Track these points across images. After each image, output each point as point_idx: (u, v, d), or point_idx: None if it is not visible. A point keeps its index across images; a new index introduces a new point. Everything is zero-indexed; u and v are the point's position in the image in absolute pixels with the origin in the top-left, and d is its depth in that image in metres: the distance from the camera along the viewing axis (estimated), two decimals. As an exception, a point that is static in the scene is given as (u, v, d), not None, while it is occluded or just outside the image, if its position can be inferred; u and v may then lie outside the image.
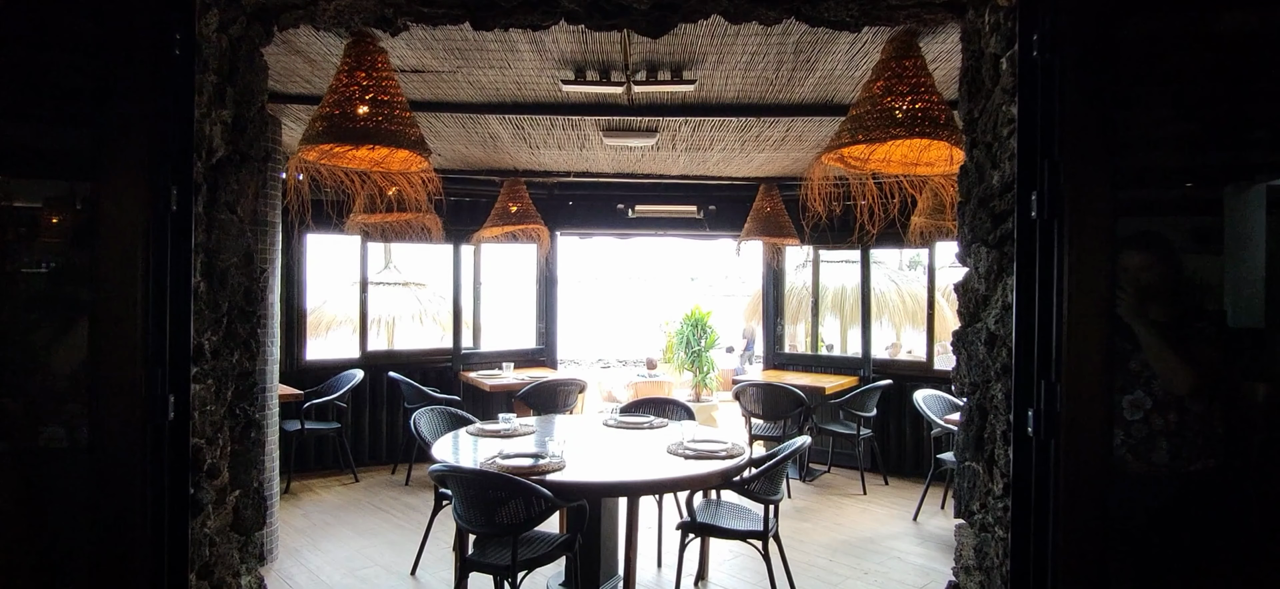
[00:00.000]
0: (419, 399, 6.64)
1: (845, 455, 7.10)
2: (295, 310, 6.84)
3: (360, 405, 7.12)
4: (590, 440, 4.26)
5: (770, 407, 6.34)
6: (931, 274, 6.95)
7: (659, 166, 6.28)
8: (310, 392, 6.68)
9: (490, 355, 7.73)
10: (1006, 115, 1.66)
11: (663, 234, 8.00)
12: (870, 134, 2.93)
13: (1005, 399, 1.68)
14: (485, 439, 4.22)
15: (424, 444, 4.30)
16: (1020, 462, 1.59)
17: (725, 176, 6.70)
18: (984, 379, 1.78)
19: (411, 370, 7.31)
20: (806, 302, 10.70)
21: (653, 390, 13.08)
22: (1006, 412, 1.68)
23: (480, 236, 6.67)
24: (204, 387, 1.71)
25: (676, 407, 5.20)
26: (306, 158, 3.01)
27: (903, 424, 7.03)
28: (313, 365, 7.03)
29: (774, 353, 7.73)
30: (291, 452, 6.41)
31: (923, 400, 5.73)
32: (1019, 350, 1.58)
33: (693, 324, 11.37)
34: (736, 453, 3.83)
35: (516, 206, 6.57)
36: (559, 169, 6.46)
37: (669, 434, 4.36)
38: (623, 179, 6.78)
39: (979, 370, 1.80)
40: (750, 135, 4.85)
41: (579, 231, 8.01)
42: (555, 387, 6.57)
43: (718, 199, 7.71)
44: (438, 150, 5.52)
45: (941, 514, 5.82)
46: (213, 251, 1.73)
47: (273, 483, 4.69)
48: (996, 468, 1.70)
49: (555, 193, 7.77)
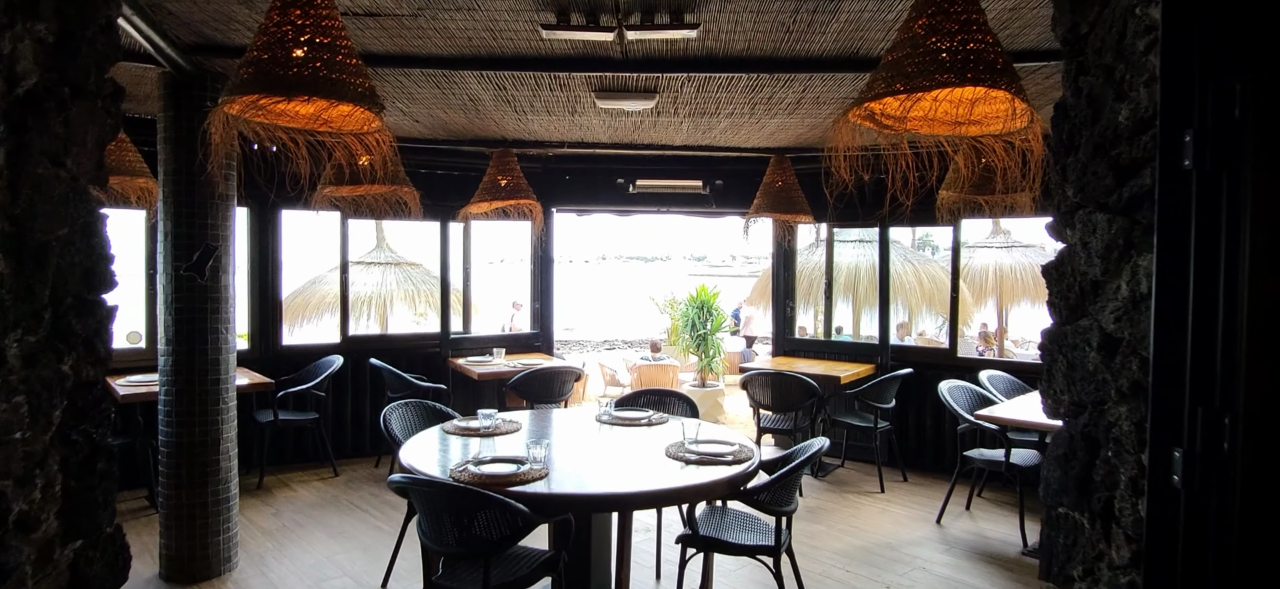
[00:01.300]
0: (401, 388, 6.19)
1: (860, 449, 6.61)
2: (270, 292, 6.37)
3: (341, 393, 6.67)
4: (580, 441, 3.78)
5: (780, 397, 5.86)
6: (955, 254, 6.42)
7: (660, 136, 5.75)
8: (286, 379, 6.23)
9: (482, 340, 7.26)
10: (1143, 21, 1.15)
11: (665, 211, 7.48)
12: (911, 82, 2.41)
13: (1134, 431, 1.18)
14: (462, 439, 3.75)
15: (394, 443, 3.84)
16: (1160, 521, 1.10)
17: (733, 147, 6.17)
18: (1096, 399, 1.28)
19: (397, 356, 6.85)
20: (817, 283, 10.18)
21: (656, 374, 12.61)
22: (1136, 449, 1.18)
23: (468, 213, 6.17)
24: (8, 407, 1.18)
25: (678, 399, 4.72)
26: (230, 112, 2.51)
27: (923, 416, 6.54)
28: (290, 351, 6.57)
29: (784, 338, 7.23)
30: (265, 444, 5.97)
31: (948, 393, 5.23)
32: (1161, 363, 1.09)
33: (698, 306, 10.87)
34: (744, 457, 3.35)
35: (506, 180, 6.06)
36: (551, 138, 5.93)
37: (669, 433, 3.89)
38: (621, 150, 6.26)
39: (1088, 386, 1.31)
40: (761, 97, 4.32)
41: (576, 208, 7.50)
42: (550, 375, 6.10)
43: (724, 173, 7.17)
44: (414, 116, 5.01)
45: (967, 516, 5.34)
46: (22, 220, 1.20)
47: (229, 485, 4.24)
48: (1118, 526, 1.21)
49: (550, 167, 7.25)
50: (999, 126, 2.62)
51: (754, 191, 6.18)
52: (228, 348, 4.20)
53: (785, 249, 7.13)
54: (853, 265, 10.29)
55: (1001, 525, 5.13)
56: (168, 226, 4.00)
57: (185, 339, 4.02)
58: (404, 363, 6.82)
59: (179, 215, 3.99)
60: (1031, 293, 12.15)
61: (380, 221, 11.20)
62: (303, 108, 2.69)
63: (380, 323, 10.80)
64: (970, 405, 5.26)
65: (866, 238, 10.83)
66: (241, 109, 2.52)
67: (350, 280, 10.68)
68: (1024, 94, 2.40)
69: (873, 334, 11.97)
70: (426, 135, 5.78)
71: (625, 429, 4.02)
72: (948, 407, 5.13)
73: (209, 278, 4.06)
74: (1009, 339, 14.34)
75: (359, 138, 2.94)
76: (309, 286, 10.67)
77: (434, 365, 6.90)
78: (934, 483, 6.12)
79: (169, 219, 4.00)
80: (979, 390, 5.41)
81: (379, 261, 10.98)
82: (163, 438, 4.09)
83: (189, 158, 3.87)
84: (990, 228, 13.72)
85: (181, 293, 4.01)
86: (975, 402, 5.31)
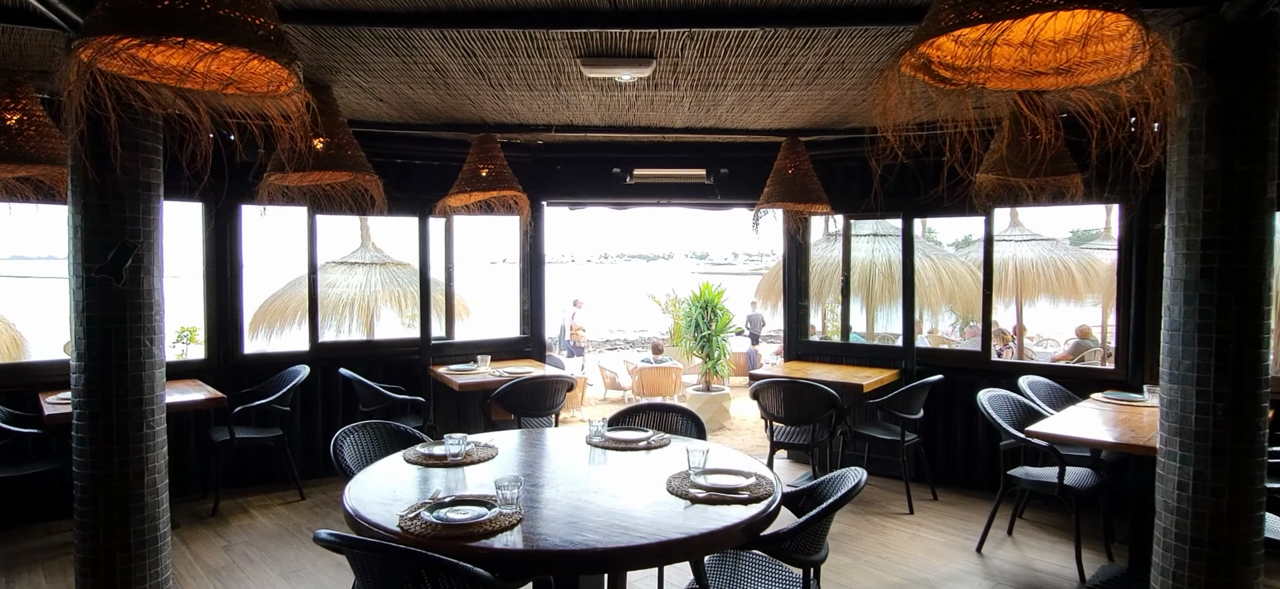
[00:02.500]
0: (374, 401, 5.58)
1: (883, 462, 5.99)
2: (230, 296, 5.76)
3: (310, 407, 6.06)
4: (565, 471, 3.16)
5: (796, 408, 5.23)
6: (988, 246, 5.79)
7: (658, 116, 5.12)
8: (247, 392, 5.63)
9: (467, 346, 6.65)
10: None
11: (666, 203, 6.85)
12: (994, 7, 1.78)
13: None
14: (425, 470, 3.14)
15: (345, 476, 3.23)
16: None
17: (740, 130, 5.54)
18: None
19: (373, 364, 6.24)
20: (829, 281, 9.55)
21: (658, 377, 12.01)
22: None
23: (446, 206, 5.55)
24: None
25: (681, 415, 4.09)
26: (82, 57, 1.88)
27: (952, 426, 5.91)
28: (253, 361, 5.96)
29: (797, 341, 6.60)
30: (220, 466, 5.36)
31: (988, 404, 4.60)
32: None
33: (702, 306, 10.25)
34: (762, 492, 2.74)
35: (489, 169, 5.44)
36: (536, 121, 5.31)
37: (671, 458, 3.27)
38: (616, 134, 5.63)
39: None
40: (776, 62, 3.69)
41: (568, 201, 6.88)
42: (538, 386, 5.48)
43: (730, 160, 6.55)
44: (375, 93, 4.39)
45: (1010, 543, 4.71)
46: None
47: (158, 523, 3.63)
48: None
49: (539, 156, 6.63)
50: (1124, 67, 1.98)
51: (762, 180, 5.56)
52: (154, 362, 3.58)
53: (798, 243, 6.50)
54: (866, 261, 9.66)
55: (1052, 554, 4.51)
56: (77, 221, 3.39)
57: (99, 353, 3.40)
58: (381, 372, 6.21)
59: (88, 208, 3.37)
60: (1053, 288, 11.51)
61: (364, 219, 10.60)
62: (181, 57, 2.07)
63: (365, 327, 10.18)
64: (1014, 417, 4.63)
65: (881, 231, 10.21)
66: (93, 54, 1.89)
67: (331, 282, 10.18)
68: (1148, 20, 1.78)
69: (887, 334, 11.39)
70: (394, 117, 5.16)
71: (620, 454, 3.40)
72: (990, 420, 4.50)
73: (128, 281, 3.44)
74: (1027, 337, 13.71)
75: (273, 102, 2.31)
76: (289, 288, 10.05)
77: (414, 374, 6.29)
78: (967, 502, 5.49)
79: (78, 212, 3.39)
80: (1022, 400, 4.78)
81: (363, 262, 10.36)
82: (75, 469, 3.48)
83: (100, 138, 3.25)
84: (1007, 219, 13.10)
85: (94, 299, 3.39)
86: (1019, 413, 4.68)
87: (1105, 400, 4.70)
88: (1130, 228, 5.19)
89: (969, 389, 5.82)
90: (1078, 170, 4.28)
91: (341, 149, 4.01)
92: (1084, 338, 13.15)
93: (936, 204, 5.95)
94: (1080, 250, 12.50)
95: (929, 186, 6.09)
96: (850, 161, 6.27)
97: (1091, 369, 6.39)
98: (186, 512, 5.24)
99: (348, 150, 4.03)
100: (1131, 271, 5.20)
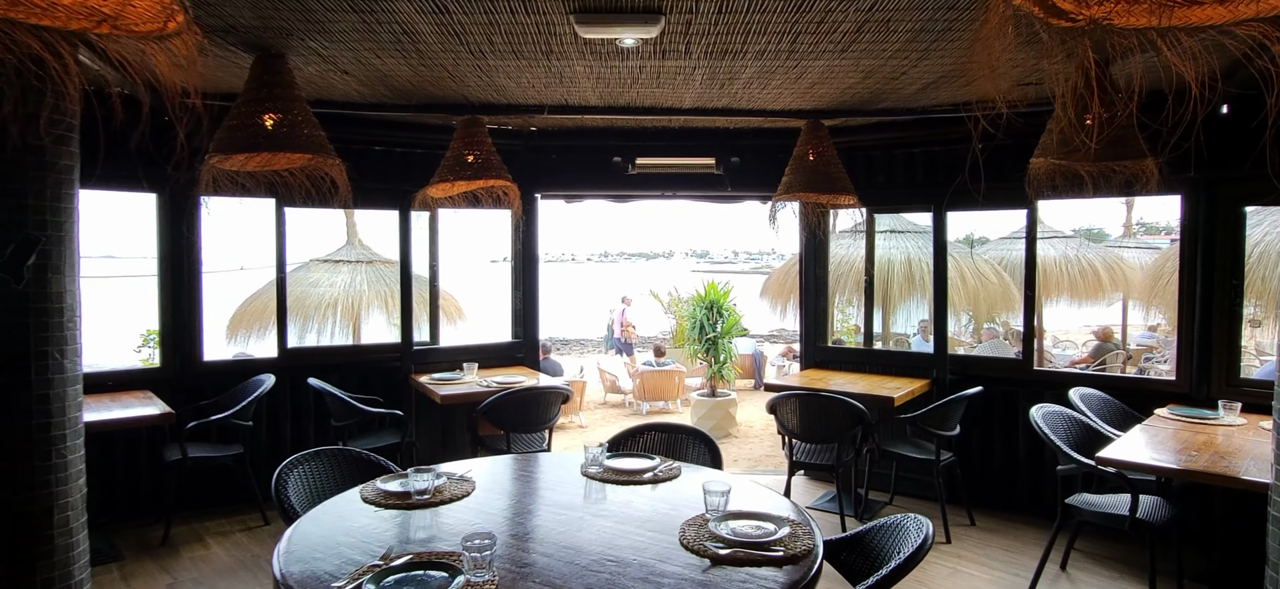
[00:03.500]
0: (348, 415, 5.00)
1: (912, 481, 5.42)
2: (187, 296, 5.18)
3: (278, 419, 5.48)
4: (555, 517, 2.58)
5: (819, 424, 4.66)
6: (1031, 242, 5.21)
7: (665, 94, 4.54)
8: (204, 405, 5.05)
9: (454, 351, 6.07)
10: None
11: (671, 195, 6.28)
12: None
13: None
14: (381, 512, 2.57)
15: (287, 518, 2.66)
16: None
17: (756, 111, 4.96)
18: None
19: (350, 372, 5.66)
20: (843, 281, 8.97)
21: (661, 381, 11.43)
22: None
23: (429, 196, 4.98)
24: None
25: (692, 436, 3.52)
26: None
27: (990, 441, 5.33)
28: (214, 369, 5.39)
29: (816, 348, 6.02)
30: (170, 489, 4.79)
31: (1043, 421, 4.02)
32: None
33: (707, 306, 9.67)
34: (801, 547, 2.19)
35: (475, 156, 4.86)
36: (527, 101, 4.72)
37: (683, 494, 2.72)
38: (617, 115, 5.04)
39: None
40: (808, 22, 3.11)
41: (564, 193, 6.30)
42: (530, 398, 4.91)
43: (742, 148, 5.97)
44: (340, 64, 3.81)
45: (1065, 580, 4.14)
46: None
47: (71, 568, 3.05)
48: None
49: (532, 144, 6.05)
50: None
51: (777, 171, 4.97)
52: (66, 378, 3.00)
53: (819, 238, 5.92)
54: (882, 259, 9.08)
55: (1116, 595, 3.94)
56: (-35, 209, 2.81)
57: (-6, 369, 2.83)
58: (357, 381, 5.64)
59: (-22, 193, 2.79)
60: (1077, 288, 10.93)
61: (350, 215, 10.02)
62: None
63: (352, 330, 9.60)
64: (1071, 437, 4.06)
65: (897, 227, 9.64)
66: None
67: (314, 282, 9.60)
68: None
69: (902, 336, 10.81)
70: (366, 95, 4.57)
71: (622, 488, 2.84)
72: (1049, 443, 3.91)
73: (30, 281, 2.86)
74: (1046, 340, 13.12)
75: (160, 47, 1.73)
76: (270, 288, 9.46)
77: (394, 383, 5.71)
78: (1009, 527, 4.92)
79: (-34, 198, 2.81)
80: (1078, 417, 4.20)
81: (349, 260, 9.78)
82: (-32, 508, 2.90)
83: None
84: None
85: (-12, 303, 2.82)
86: (1077, 433, 4.11)
87: (1174, 418, 4.13)
88: (1195, 217, 4.61)
89: (1008, 402, 5.25)
90: (1150, 154, 3.70)
91: (296, 127, 3.43)
92: (1105, 340, 12.56)
93: (972, 195, 5.39)
94: (1105, 249, 11.93)
95: (961, 175, 5.53)
96: (873, 150, 5.69)
97: (1148, 381, 5.85)
98: (134, 541, 4.67)
99: (303, 129, 3.45)
100: (1196, 268, 4.62)
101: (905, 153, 5.57)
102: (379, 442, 5.17)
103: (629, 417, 11.21)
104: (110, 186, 4.91)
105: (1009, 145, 5.31)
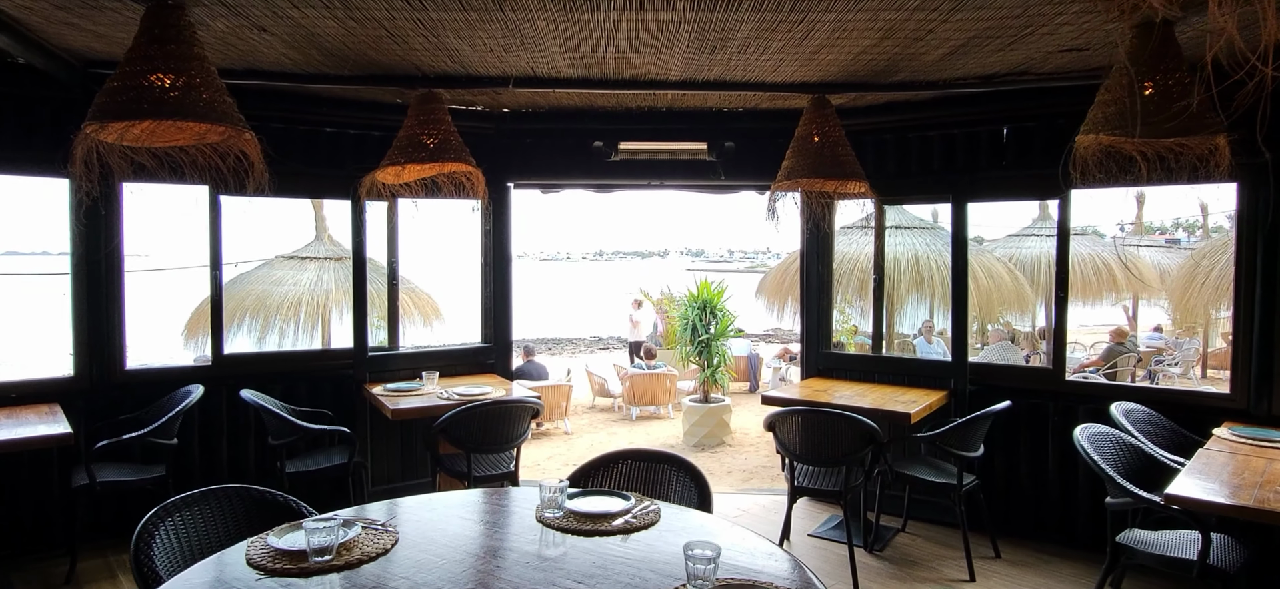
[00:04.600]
0: (286, 432, 4.38)
1: (927, 505, 4.83)
2: (107, 296, 4.56)
3: (213, 436, 4.86)
4: (497, 583, 1.97)
5: (824, 445, 4.05)
6: (1063, 237, 4.61)
7: (647, 63, 3.93)
8: (124, 420, 4.42)
9: (415, 357, 5.46)
10: None
11: (659, 184, 5.67)
12: None
13: None
14: (264, 585, 1.96)
15: (144, 586, 2.04)
16: None
17: (753, 85, 4.35)
18: None
19: (296, 382, 5.05)
20: (846, 280, 8.38)
21: (651, 385, 10.83)
22: None
23: (378, 182, 4.36)
24: None
25: (675, 468, 2.93)
26: None
27: (1014, 460, 4.74)
28: (137, 379, 4.75)
29: (818, 353, 5.41)
30: (77, 518, 4.16)
31: (1089, 444, 3.42)
32: None
33: (700, 307, 9.07)
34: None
35: (434, 137, 4.23)
36: (486, 69, 4.10)
37: (662, 551, 2.13)
38: (594, 89, 4.41)
39: None
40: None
41: (540, 182, 5.68)
42: (495, 413, 4.30)
43: (737, 132, 5.37)
44: (254, 17, 3.19)
45: (1114, 629, 3.54)
46: None
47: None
48: None
49: (505, 127, 5.44)
50: None
51: (775, 159, 4.35)
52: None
53: (823, 231, 5.31)
54: (888, 257, 8.49)
55: (1175, 650, 3.34)
56: None
57: None
58: (305, 391, 5.02)
59: None
60: (1089, 289, 10.38)
61: (319, 207, 9.37)
62: None
63: (321, 334, 8.96)
64: (1123, 463, 3.47)
65: (902, 223, 9.05)
66: None
67: (277, 279, 8.94)
68: None
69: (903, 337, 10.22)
70: (298, 62, 3.94)
71: (586, 542, 2.23)
72: (1096, 469, 3.31)
73: None
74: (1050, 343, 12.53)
75: None
76: (233, 286, 8.84)
77: (346, 393, 5.09)
78: (1039, 560, 4.34)
79: None
80: (1127, 438, 3.61)
81: (317, 256, 9.14)
82: None
83: None
84: (1036, 211, 11.93)
85: None
86: (1128, 457, 3.52)
87: (1238, 440, 3.55)
88: (1254, 206, 4.02)
89: (1036, 416, 4.67)
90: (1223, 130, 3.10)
91: (192, 90, 2.81)
92: (1119, 342, 11.99)
93: (994, 184, 4.79)
94: (1120, 247, 11.39)
95: (984, 160, 4.93)
96: (884, 133, 5.09)
97: (1197, 394, 5.27)
98: (37, 578, 4.05)
99: (201, 92, 2.82)
100: (1256, 266, 4.03)
101: (920, 136, 4.97)
102: (327, 462, 4.55)
103: (618, 422, 10.61)
104: (18, 172, 4.31)
105: (1035, 127, 4.76)
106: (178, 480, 4.50)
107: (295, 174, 4.90)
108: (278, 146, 4.89)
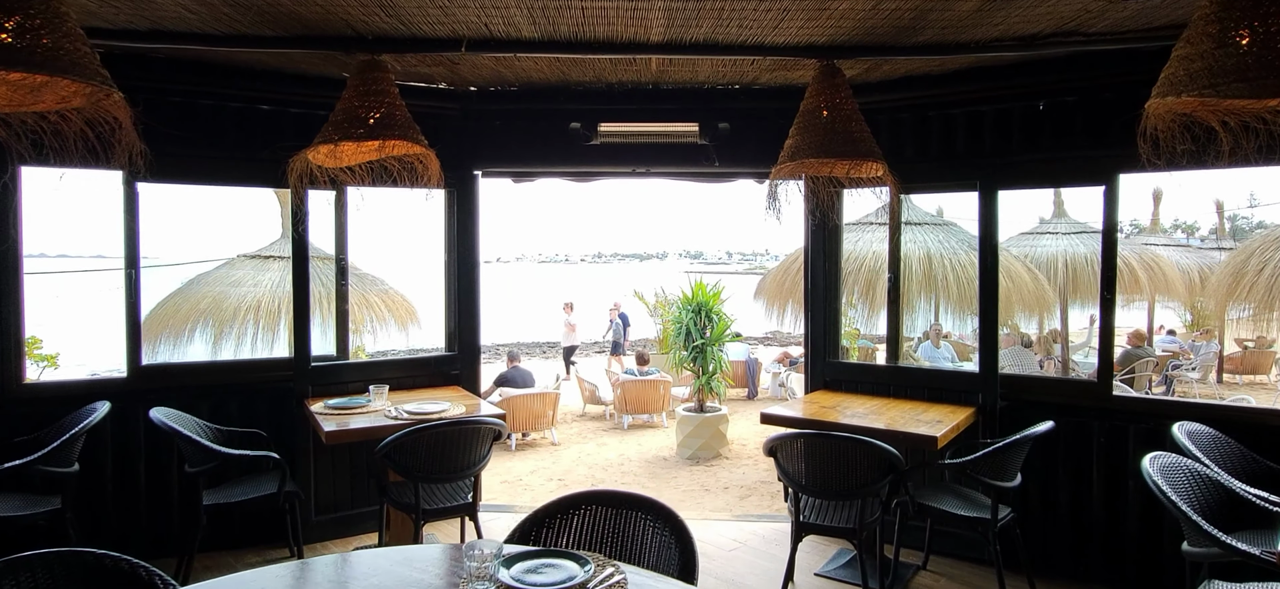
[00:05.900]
0: (203, 459, 3.73)
1: (953, 538, 4.20)
2: (5, 300, 3.91)
3: (128, 463, 4.22)
4: None
5: (834, 474, 3.42)
6: (1109, 232, 3.98)
7: (623, 16, 3.29)
8: (24, 441, 3.79)
9: (366, 367, 4.81)
10: None
11: (644, 172, 5.04)
12: None
13: None
14: None
15: None
16: None
17: (750, 47, 3.71)
18: None
19: (226, 398, 4.41)
20: (852, 281, 7.75)
21: (644, 392, 10.19)
22: None
23: (311, 161, 3.72)
24: None
25: (652, 518, 2.29)
26: None
27: (1051, 485, 4.11)
28: (38, 393, 4.12)
29: (826, 364, 4.77)
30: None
31: (1161, 477, 2.79)
32: None
33: (694, 310, 8.44)
34: None
35: (377, 113, 3.60)
36: (433, 29, 3.47)
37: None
38: (562, 52, 3.74)
39: None
40: None
41: (510, 169, 5.05)
42: (448, 437, 3.66)
43: (733, 112, 4.74)
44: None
45: (1189, 702, 2.90)
46: None
47: None
48: None
49: (472, 107, 4.81)
50: None
51: (778, 142, 3.70)
52: None
53: (830, 226, 4.68)
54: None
55: None
56: None
57: None
58: (236, 407, 4.38)
59: None
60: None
61: (284, 195, 8.70)
62: None
63: (287, 339, 8.28)
64: (1199, 500, 2.84)
65: (910, 219, 8.42)
66: None
67: (236, 281, 8.28)
68: None
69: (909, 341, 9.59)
70: (206, 19, 3.31)
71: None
72: (1175, 512, 2.68)
73: None
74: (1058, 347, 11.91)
75: None
76: (190, 287, 8.19)
77: (286, 409, 4.45)
78: (1087, 607, 3.70)
79: None
80: (1205, 470, 2.98)
81: (282, 255, 8.47)
82: None
83: None
84: (1051, 207, 11.30)
85: None
86: (1206, 494, 2.89)
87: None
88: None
89: (1080, 436, 4.03)
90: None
91: (32, 33, 2.18)
92: (1136, 346, 11.38)
93: (1026, 169, 4.16)
94: (1140, 246, 10.76)
95: (1017, 142, 4.29)
96: (902, 111, 4.47)
97: (1262, 412, 4.65)
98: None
99: (42, 36, 2.19)
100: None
101: (943, 115, 4.34)
102: (256, 491, 3.90)
103: (609, 431, 9.97)
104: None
105: (1076, 103, 4.13)
106: (80, 514, 3.88)
107: (220, 159, 4.27)
108: (196, 125, 4.28)
